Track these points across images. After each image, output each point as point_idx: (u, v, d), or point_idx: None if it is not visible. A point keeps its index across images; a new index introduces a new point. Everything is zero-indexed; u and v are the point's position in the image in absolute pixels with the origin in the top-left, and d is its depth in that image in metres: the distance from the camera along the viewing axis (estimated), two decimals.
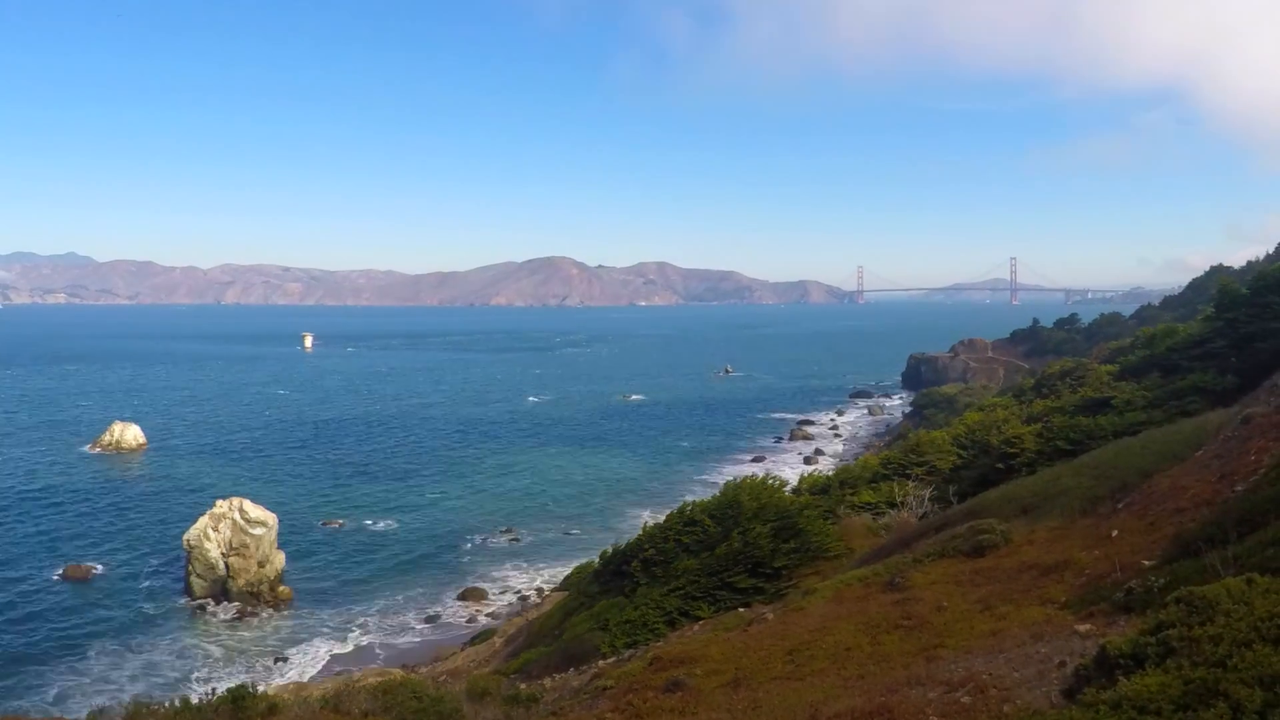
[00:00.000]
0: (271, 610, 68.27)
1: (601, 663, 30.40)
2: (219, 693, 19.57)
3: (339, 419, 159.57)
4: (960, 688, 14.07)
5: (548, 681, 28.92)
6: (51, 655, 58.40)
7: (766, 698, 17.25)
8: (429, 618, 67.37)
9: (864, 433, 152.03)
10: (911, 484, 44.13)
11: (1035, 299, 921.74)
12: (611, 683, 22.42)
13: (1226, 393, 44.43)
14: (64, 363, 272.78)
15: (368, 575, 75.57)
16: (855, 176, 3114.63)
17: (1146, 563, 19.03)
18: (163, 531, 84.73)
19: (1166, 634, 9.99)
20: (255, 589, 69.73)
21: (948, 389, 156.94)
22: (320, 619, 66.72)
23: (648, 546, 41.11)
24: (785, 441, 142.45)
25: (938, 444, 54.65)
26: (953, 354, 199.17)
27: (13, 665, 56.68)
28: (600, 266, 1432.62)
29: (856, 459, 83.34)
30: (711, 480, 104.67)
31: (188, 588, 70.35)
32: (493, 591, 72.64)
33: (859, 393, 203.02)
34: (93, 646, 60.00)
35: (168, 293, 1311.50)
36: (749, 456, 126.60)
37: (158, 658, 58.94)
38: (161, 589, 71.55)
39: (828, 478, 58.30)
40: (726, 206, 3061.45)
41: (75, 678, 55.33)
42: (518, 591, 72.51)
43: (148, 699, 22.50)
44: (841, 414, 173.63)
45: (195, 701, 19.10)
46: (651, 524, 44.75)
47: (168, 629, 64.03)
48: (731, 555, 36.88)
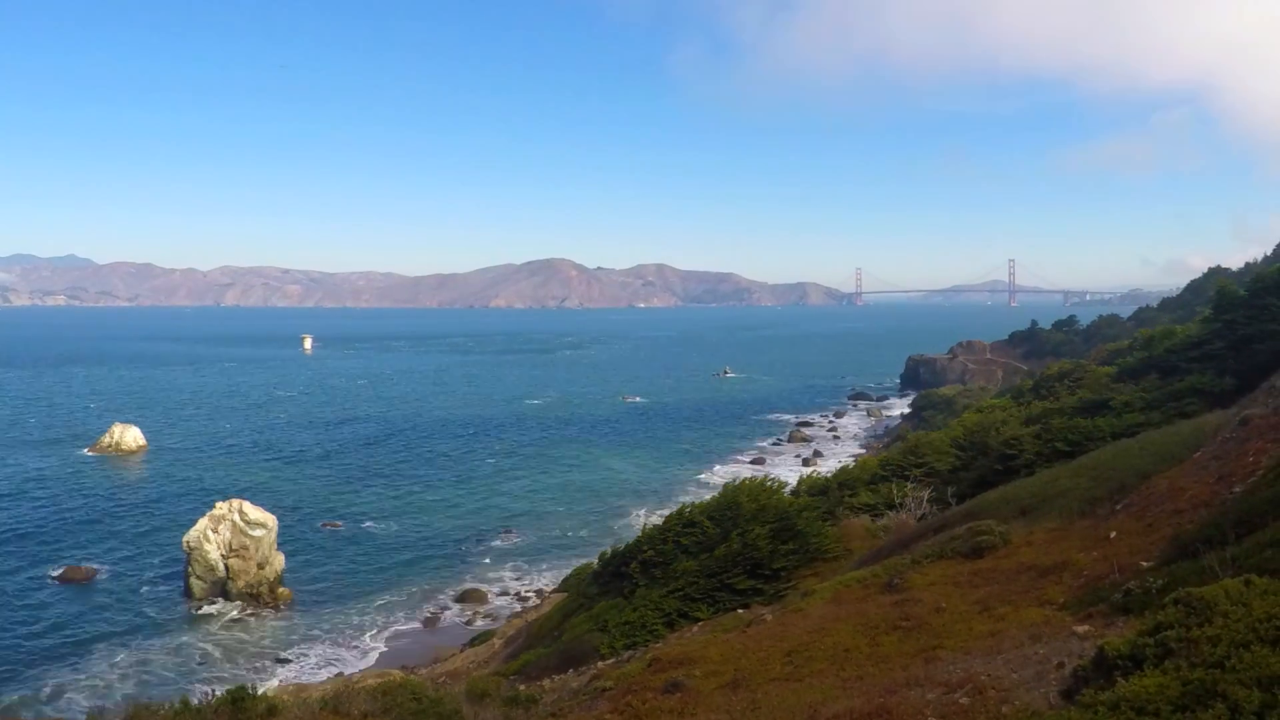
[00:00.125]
0: (271, 611, 68.26)
1: (600, 664, 30.41)
2: (218, 694, 19.55)
3: (339, 421, 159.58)
4: (959, 689, 14.10)
5: (547, 683, 28.93)
6: (51, 656, 58.33)
7: (765, 699, 17.27)
8: (428, 619, 67.37)
9: (862, 434, 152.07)
10: (910, 485, 44.13)
11: (1033, 301, 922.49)
12: (610, 684, 22.44)
13: (1224, 394, 44.53)
14: (64, 365, 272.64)
15: (367, 577, 75.57)
16: (854, 178, 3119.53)
17: (1145, 564, 19.07)
18: (162, 533, 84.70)
19: (1165, 635, 10.01)
20: (255, 590, 69.76)
21: (946, 390, 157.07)
22: (320, 620, 66.70)
23: (647, 548, 41.11)
24: (784, 443, 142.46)
25: (936, 445, 54.69)
26: (951, 356, 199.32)
27: (12, 666, 56.60)
28: (599, 268, 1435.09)
29: (855, 460, 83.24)
30: (710, 482, 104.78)
31: (187, 589, 70.34)
32: (492, 593, 72.63)
33: (858, 394, 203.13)
34: (92, 648, 59.91)
35: (167, 295, 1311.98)
36: (748, 458, 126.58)
37: (157, 659, 58.86)
38: (161, 590, 71.52)
39: (826, 479, 58.11)
40: (725, 208, 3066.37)
41: (74, 679, 55.26)
42: (517, 593, 72.52)
43: (147, 700, 22.50)
44: (840, 415, 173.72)
45: (195, 703, 19.10)
46: (650, 525, 44.67)
47: (167, 630, 63.97)
48: (730, 557, 36.91)
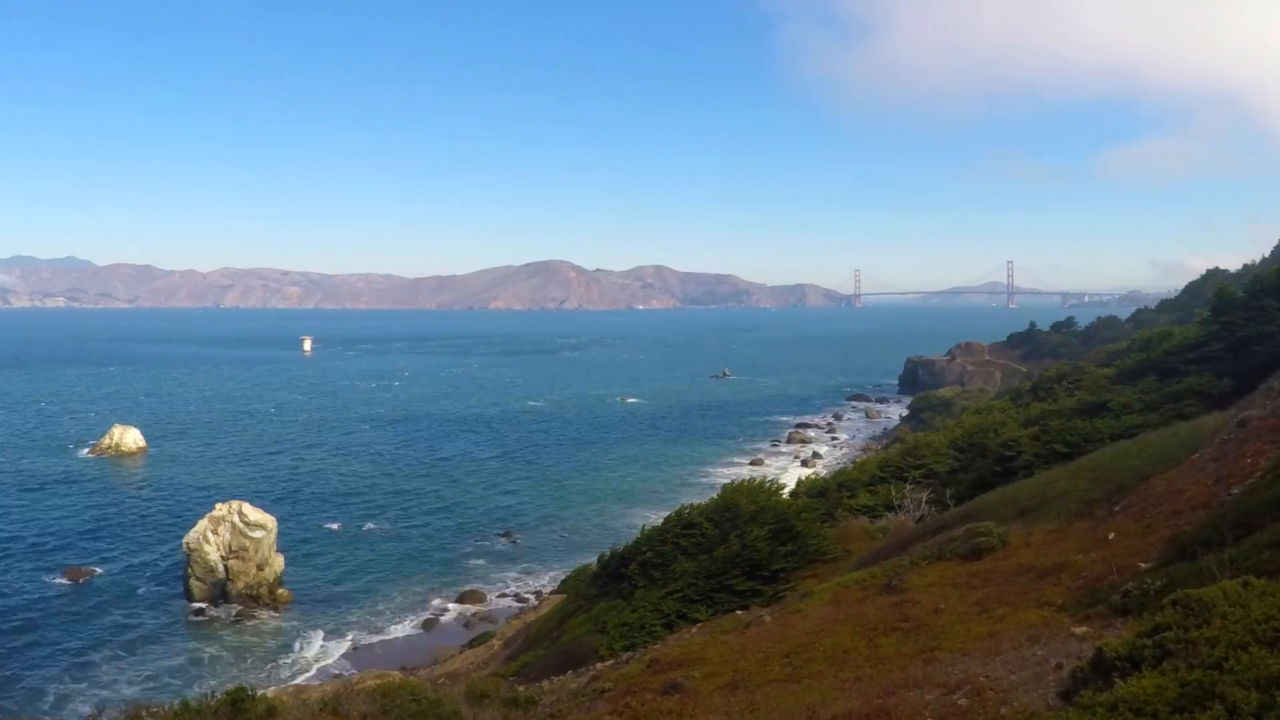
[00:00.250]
0: (270, 613, 68.21)
1: (599, 665, 30.42)
2: (218, 695, 19.53)
3: (338, 422, 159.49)
4: (957, 690, 14.13)
5: (546, 684, 28.92)
6: (50, 658, 58.31)
7: (764, 700, 17.30)
8: (427, 620, 67.34)
9: (861, 436, 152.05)
10: (909, 487, 44.11)
11: (1032, 302, 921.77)
12: (609, 685, 22.46)
13: (1223, 396, 44.58)
14: (63, 366, 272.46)
15: (366, 578, 75.54)
16: (853, 179, 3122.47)
17: (1143, 565, 19.10)
18: (162, 534, 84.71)
19: (1163, 636, 10.04)
20: (254, 591, 69.69)
21: (945, 392, 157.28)
22: (319, 621, 66.65)
23: (646, 549, 41.14)
24: (783, 444, 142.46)
25: (935, 447, 54.71)
26: (950, 357, 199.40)
27: (11, 667, 56.56)
28: (598, 270, 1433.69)
29: (854, 462, 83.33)
30: (709, 483, 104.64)
31: (187, 590, 70.28)
32: (491, 594, 72.63)
33: (856, 396, 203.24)
34: (92, 649, 59.87)
35: (167, 296, 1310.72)
36: (746, 459, 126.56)
37: (157, 660, 58.82)
38: (161, 592, 71.48)
39: (825, 480, 58.09)
40: (724, 210, 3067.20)
41: (74, 680, 55.22)
42: (516, 594, 72.54)
43: (147, 701, 22.47)
44: (839, 417, 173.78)
45: (194, 704, 19.08)
46: (649, 527, 44.72)
47: (167, 631, 63.95)
48: (729, 558, 36.92)
